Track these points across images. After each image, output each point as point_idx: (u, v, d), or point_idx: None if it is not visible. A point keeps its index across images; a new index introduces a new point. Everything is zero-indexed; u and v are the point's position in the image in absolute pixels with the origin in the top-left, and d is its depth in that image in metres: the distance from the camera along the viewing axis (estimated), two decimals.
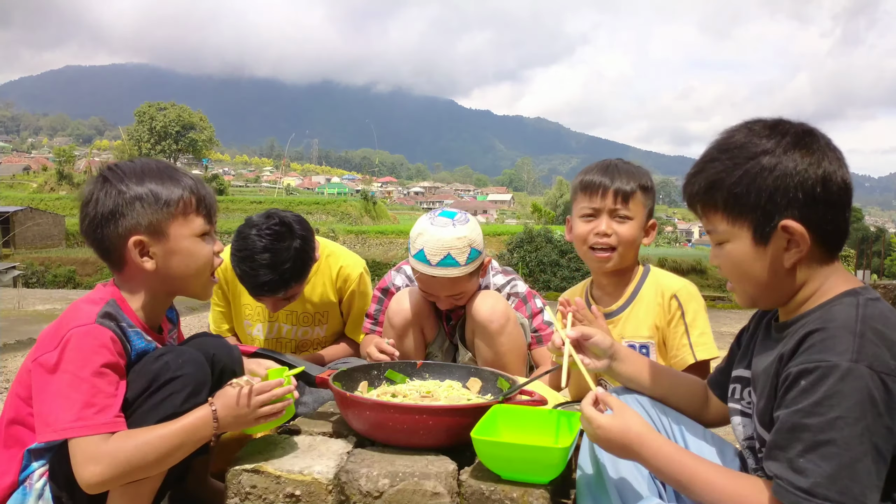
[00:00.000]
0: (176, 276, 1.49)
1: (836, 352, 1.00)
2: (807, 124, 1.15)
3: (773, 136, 1.12)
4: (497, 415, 1.52)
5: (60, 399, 1.31)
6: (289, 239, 2.00)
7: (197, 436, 1.38)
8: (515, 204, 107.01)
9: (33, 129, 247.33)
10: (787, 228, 1.09)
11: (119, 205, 1.43)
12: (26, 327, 6.84)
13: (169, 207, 1.45)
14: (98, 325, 1.36)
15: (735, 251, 1.16)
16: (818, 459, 0.98)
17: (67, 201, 45.27)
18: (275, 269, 1.97)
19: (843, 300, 1.09)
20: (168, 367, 1.39)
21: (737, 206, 1.13)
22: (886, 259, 25.93)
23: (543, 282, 20.38)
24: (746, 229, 1.13)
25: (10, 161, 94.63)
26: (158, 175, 1.48)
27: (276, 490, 1.45)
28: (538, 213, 44.57)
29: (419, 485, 1.39)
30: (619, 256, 1.87)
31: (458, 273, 2.00)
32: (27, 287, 18.00)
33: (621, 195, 1.85)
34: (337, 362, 2.31)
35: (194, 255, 1.49)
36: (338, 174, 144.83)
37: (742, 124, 1.18)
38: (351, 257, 2.42)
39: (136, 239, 1.44)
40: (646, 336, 1.88)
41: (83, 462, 1.28)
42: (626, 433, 1.20)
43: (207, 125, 69.80)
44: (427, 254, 2.00)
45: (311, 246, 2.09)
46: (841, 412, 0.97)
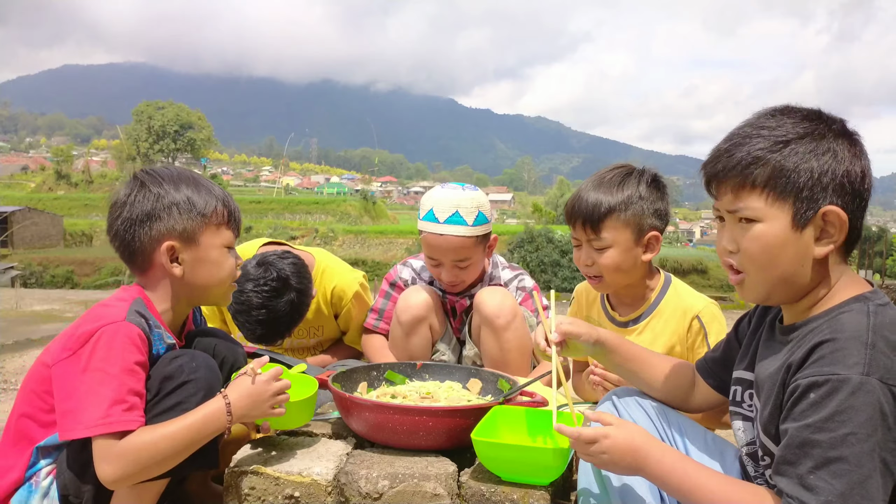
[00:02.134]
0: (199, 284, 1.51)
1: (846, 364, 0.98)
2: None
3: (821, 122, 1.09)
4: (497, 416, 1.51)
5: (91, 396, 1.31)
6: (285, 294, 2.01)
7: (211, 427, 1.38)
8: (516, 203, 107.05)
9: (31, 129, 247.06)
10: (830, 215, 1.05)
11: (157, 208, 1.46)
12: (24, 328, 6.83)
13: (204, 216, 1.49)
14: (128, 323, 1.38)
15: (768, 233, 1.08)
16: (829, 477, 0.95)
17: (65, 201, 45.28)
18: (270, 324, 2.01)
19: (852, 306, 1.07)
20: (182, 371, 1.40)
21: (780, 185, 1.06)
22: (888, 259, 25.93)
23: (544, 282, 20.42)
24: (787, 211, 1.06)
25: (8, 161, 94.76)
26: (194, 184, 1.51)
27: (276, 491, 1.44)
28: (539, 213, 44.55)
29: (419, 486, 1.39)
30: (608, 283, 1.81)
31: (465, 233, 2.03)
32: (25, 287, 17.97)
33: (589, 225, 1.75)
34: (336, 364, 2.30)
35: (220, 265, 1.52)
36: (337, 174, 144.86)
37: (778, 107, 1.13)
38: (347, 275, 2.37)
39: (168, 244, 1.46)
40: (661, 352, 1.80)
41: (106, 459, 1.30)
42: (631, 443, 1.17)
43: (206, 124, 69.79)
44: (436, 211, 2.06)
45: (307, 296, 2.10)
46: (852, 428, 0.95)
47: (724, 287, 21.24)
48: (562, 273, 20.68)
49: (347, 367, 1.86)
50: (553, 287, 19.17)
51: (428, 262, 2.14)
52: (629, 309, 1.89)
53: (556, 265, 21.03)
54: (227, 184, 69.22)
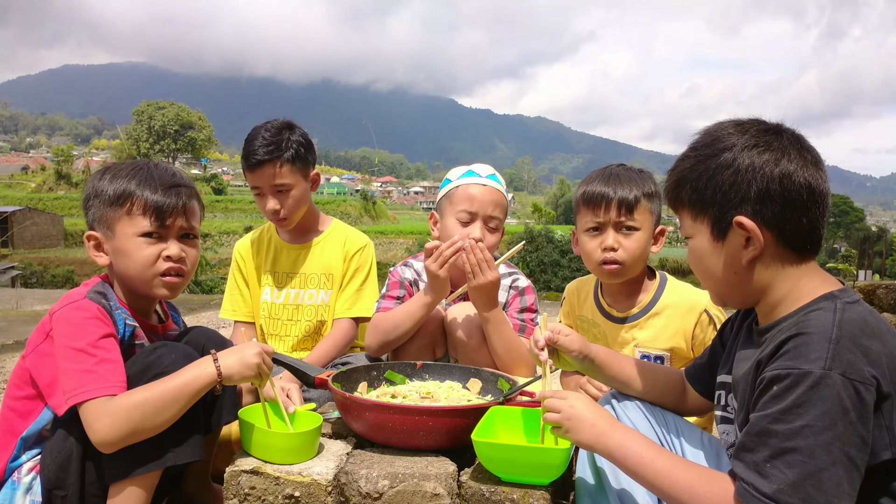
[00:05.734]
0: (121, 273, 1.55)
1: (809, 359, 1.00)
2: (779, 124, 1.16)
3: (736, 134, 1.14)
4: (496, 416, 1.51)
5: (62, 374, 1.36)
6: (288, 132, 2.27)
7: (201, 381, 1.40)
8: (516, 203, 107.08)
9: (31, 129, 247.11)
10: (741, 224, 1.11)
11: (85, 199, 1.56)
12: (25, 328, 6.83)
13: (115, 205, 1.51)
14: (86, 300, 1.43)
15: (696, 247, 1.19)
16: (783, 466, 0.98)
17: (66, 201, 45.26)
18: (275, 139, 2.24)
19: (820, 305, 1.09)
20: (161, 361, 1.43)
21: (697, 202, 1.16)
22: (888, 259, 25.96)
23: (544, 282, 20.38)
24: (706, 224, 1.16)
25: (9, 160, 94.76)
26: (134, 175, 1.54)
27: (276, 491, 1.44)
28: (539, 213, 44.59)
29: (419, 486, 1.39)
30: (628, 269, 1.82)
31: (502, 190, 2.16)
32: (26, 287, 17.99)
33: (625, 206, 1.77)
34: (335, 361, 2.30)
35: (132, 254, 1.53)
36: (337, 174, 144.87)
37: (717, 123, 1.20)
38: (359, 232, 2.56)
39: (88, 233, 1.55)
40: (662, 348, 1.84)
41: (93, 420, 1.32)
42: (597, 418, 1.22)
43: (206, 124, 69.84)
44: (475, 170, 2.17)
45: (309, 146, 2.33)
46: (808, 420, 0.97)
47: None
48: (562, 273, 20.63)
49: (348, 367, 1.86)
50: (553, 287, 19.17)
51: (457, 224, 2.08)
52: (625, 305, 1.89)
53: (556, 265, 20.98)
54: (227, 183, 69.19)
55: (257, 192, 2.30)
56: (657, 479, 1.12)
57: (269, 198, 2.27)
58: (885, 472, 1.03)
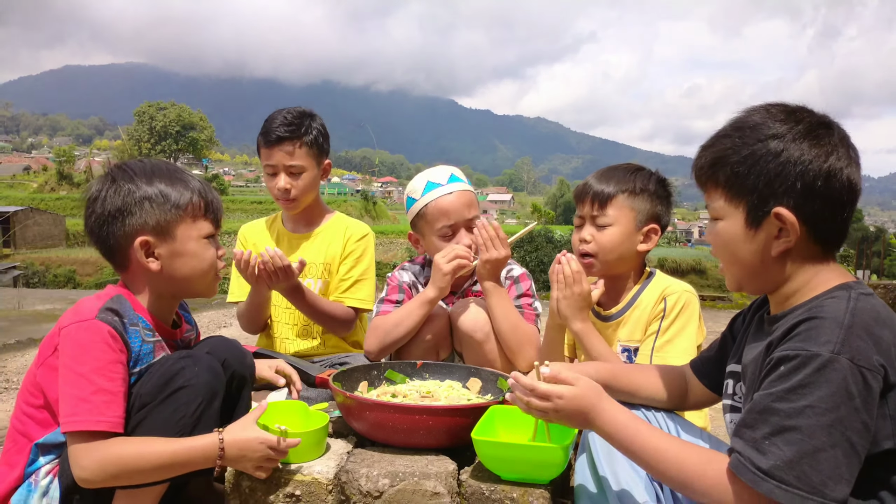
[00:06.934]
0: (180, 276, 1.50)
1: (819, 342, 1.00)
2: (827, 116, 1.13)
3: (788, 122, 1.11)
4: (496, 415, 1.52)
5: (60, 396, 1.33)
6: (309, 119, 2.34)
7: (200, 462, 1.36)
8: (515, 204, 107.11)
9: (33, 129, 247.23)
10: (780, 216, 1.09)
11: (128, 203, 1.43)
12: (26, 327, 6.83)
13: (178, 209, 1.47)
14: (96, 321, 1.36)
15: (726, 230, 1.16)
16: (781, 444, 0.98)
17: (68, 201, 45.27)
18: (296, 120, 2.30)
19: (835, 293, 1.09)
20: (184, 373, 1.38)
21: (736, 185, 1.13)
22: (886, 259, 25.94)
23: (544, 282, 20.29)
24: (741, 210, 1.13)
25: (11, 161, 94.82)
26: (168, 176, 1.49)
27: (277, 490, 1.45)
28: (538, 213, 44.58)
29: (419, 485, 1.39)
30: (601, 263, 1.81)
31: (469, 188, 2.16)
32: (27, 287, 18.00)
33: (597, 201, 1.80)
34: (335, 361, 2.31)
35: (199, 256, 1.50)
36: (338, 174, 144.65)
37: (762, 105, 1.16)
38: (361, 223, 2.60)
39: (142, 239, 1.44)
40: (637, 340, 1.83)
41: (81, 457, 1.30)
42: (583, 404, 1.20)
43: (207, 125, 69.84)
44: (433, 179, 2.15)
45: (326, 136, 2.40)
46: (812, 401, 0.97)
47: (722, 287, 21.20)
48: None
49: (348, 367, 1.86)
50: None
51: (441, 241, 2.11)
52: (611, 303, 1.89)
53: None
54: (228, 184, 69.13)
55: (271, 170, 2.33)
56: (644, 451, 1.14)
57: (282, 175, 2.31)
58: (886, 466, 1.03)
